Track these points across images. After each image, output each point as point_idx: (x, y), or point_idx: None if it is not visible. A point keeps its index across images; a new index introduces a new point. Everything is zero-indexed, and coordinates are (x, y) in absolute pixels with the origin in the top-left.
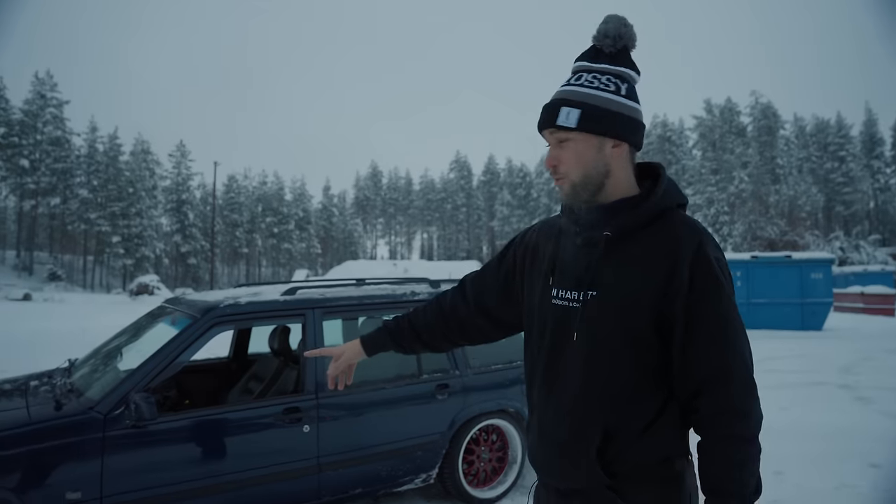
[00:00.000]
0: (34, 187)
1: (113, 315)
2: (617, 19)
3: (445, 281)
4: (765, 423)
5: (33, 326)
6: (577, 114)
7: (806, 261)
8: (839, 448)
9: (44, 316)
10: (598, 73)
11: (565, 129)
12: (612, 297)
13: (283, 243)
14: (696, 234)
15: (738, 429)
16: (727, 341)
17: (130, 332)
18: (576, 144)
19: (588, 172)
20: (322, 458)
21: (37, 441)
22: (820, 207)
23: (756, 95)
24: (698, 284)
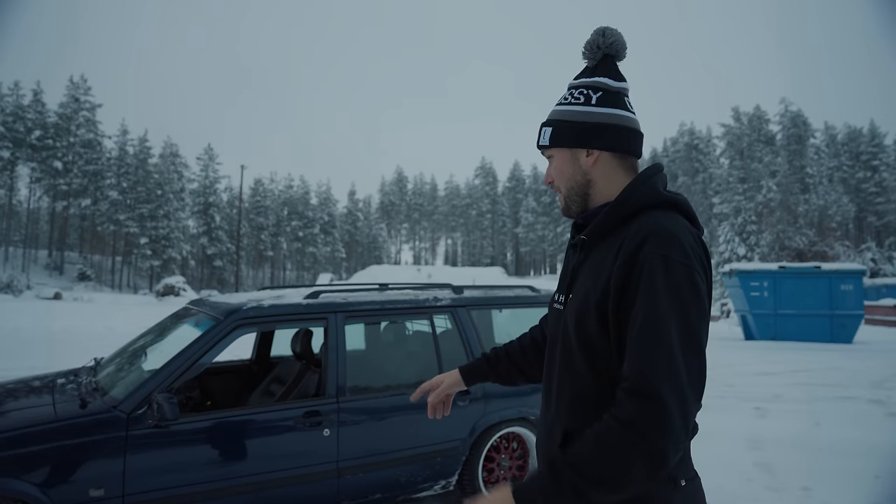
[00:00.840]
0: (66, 188)
1: (139, 315)
2: (595, 32)
3: (469, 287)
4: (797, 439)
5: (63, 325)
6: (549, 131)
7: (836, 272)
8: (870, 466)
9: (73, 315)
10: (574, 87)
11: (544, 147)
12: (575, 299)
13: (308, 247)
14: (644, 231)
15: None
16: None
17: (155, 333)
18: (556, 160)
19: (570, 184)
20: (342, 462)
21: (61, 438)
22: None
23: (785, 103)
24: (631, 282)
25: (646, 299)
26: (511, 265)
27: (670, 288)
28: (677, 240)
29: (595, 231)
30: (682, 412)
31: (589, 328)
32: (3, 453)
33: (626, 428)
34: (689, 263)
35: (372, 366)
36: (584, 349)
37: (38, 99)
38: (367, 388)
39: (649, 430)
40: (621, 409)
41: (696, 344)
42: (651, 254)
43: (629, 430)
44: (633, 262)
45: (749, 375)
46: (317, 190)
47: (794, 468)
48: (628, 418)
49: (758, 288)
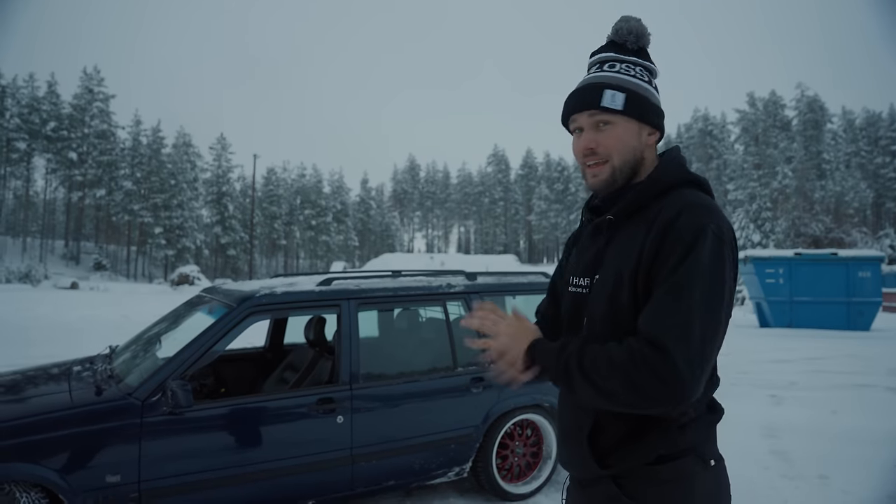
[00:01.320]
0: (81, 179)
1: (154, 304)
2: (636, 20)
3: (482, 273)
4: (814, 426)
5: (80, 314)
6: (623, 97)
7: (853, 258)
8: (889, 454)
9: (89, 304)
10: (631, 63)
11: (610, 111)
12: (606, 278)
13: (321, 235)
14: (680, 205)
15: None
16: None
17: (169, 321)
18: (618, 128)
19: (626, 158)
20: (355, 449)
21: (78, 425)
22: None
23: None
24: (664, 250)
25: (676, 263)
26: (524, 252)
27: (700, 255)
28: (712, 213)
29: (624, 209)
30: (689, 368)
31: (621, 301)
32: (23, 439)
33: (633, 361)
34: (721, 236)
35: (385, 353)
36: (614, 326)
37: (52, 91)
38: (380, 375)
39: (649, 373)
40: (633, 346)
41: (717, 310)
42: (687, 223)
43: (635, 364)
44: (668, 230)
45: (764, 363)
46: (329, 178)
47: (811, 456)
48: (639, 357)
49: (773, 275)
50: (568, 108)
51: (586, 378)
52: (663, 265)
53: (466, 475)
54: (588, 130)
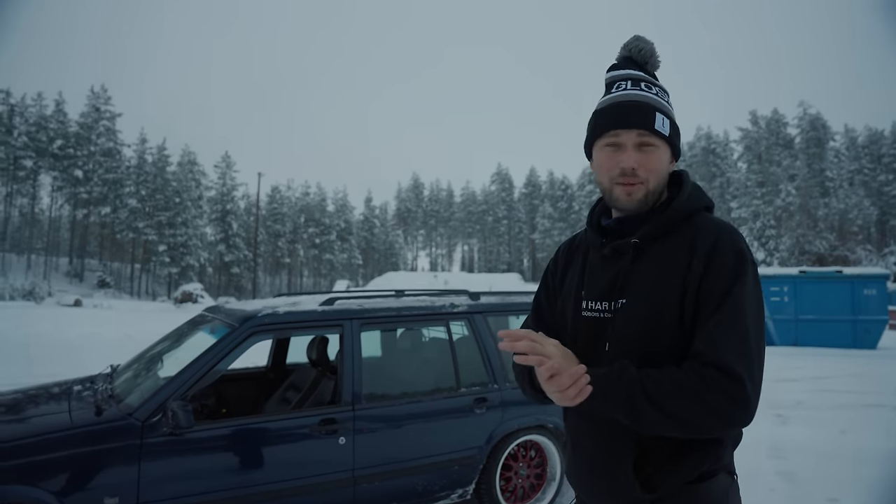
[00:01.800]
0: (87, 197)
1: (157, 322)
2: (650, 43)
3: (485, 293)
4: (821, 447)
5: (83, 331)
6: (669, 124)
7: (858, 276)
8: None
9: (92, 321)
10: (661, 88)
11: (659, 135)
12: (639, 303)
13: (325, 254)
14: (715, 230)
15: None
16: (733, 321)
17: (171, 340)
18: (660, 153)
19: (660, 182)
20: (357, 470)
21: (77, 445)
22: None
23: (804, 106)
24: (711, 275)
25: (727, 289)
26: (528, 271)
27: (746, 281)
28: (742, 237)
29: (651, 234)
30: (754, 390)
31: (664, 327)
32: (20, 460)
33: (705, 385)
34: (754, 259)
35: (388, 373)
36: (648, 351)
37: (60, 109)
38: (383, 395)
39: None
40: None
41: (763, 330)
42: (728, 248)
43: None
44: (713, 255)
45: (770, 381)
46: (333, 197)
47: (820, 478)
48: (710, 380)
49: (778, 293)
50: (613, 121)
51: (653, 404)
52: (713, 291)
53: (470, 497)
54: (631, 149)
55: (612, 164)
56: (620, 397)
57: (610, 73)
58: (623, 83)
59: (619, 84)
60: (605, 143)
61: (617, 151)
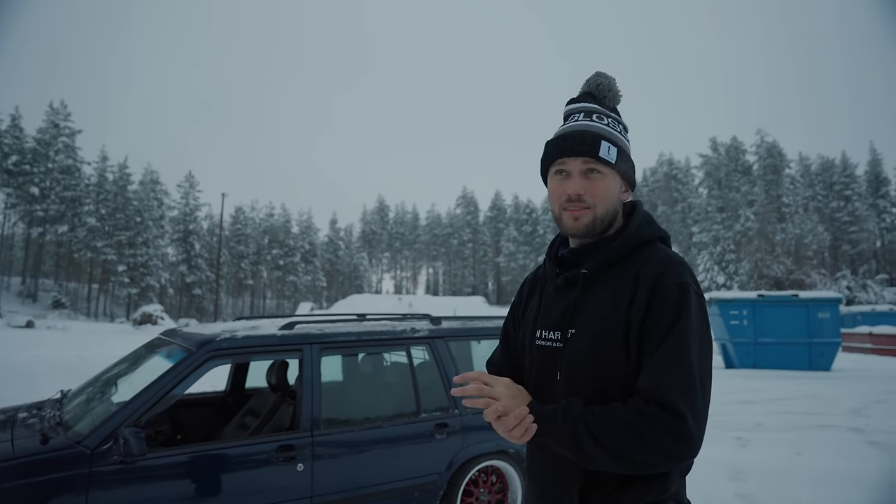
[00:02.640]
0: (42, 215)
1: (114, 344)
2: (611, 79)
3: (448, 318)
4: (779, 469)
5: (34, 354)
6: (616, 151)
7: (813, 300)
8: (851, 496)
9: (45, 344)
10: (615, 120)
11: (604, 162)
12: (587, 333)
13: (289, 276)
14: (661, 262)
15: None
16: (676, 356)
17: (126, 364)
18: (607, 180)
19: (609, 209)
20: (316, 497)
21: (20, 476)
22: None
23: (762, 134)
24: (654, 309)
25: (670, 324)
26: (492, 294)
27: (690, 314)
28: (688, 270)
29: (600, 265)
30: (697, 426)
31: (609, 357)
32: None
33: (646, 422)
34: (700, 291)
35: (348, 398)
36: (598, 380)
37: (15, 124)
38: (343, 421)
39: (669, 435)
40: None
41: (709, 364)
42: (672, 282)
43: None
44: (655, 289)
45: (730, 404)
46: (298, 218)
47: (776, 499)
48: (651, 418)
49: (737, 316)
50: (560, 150)
51: (597, 442)
52: (656, 325)
53: None
54: (577, 176)
55: (561, 191)
56: (565, 435)
57: (567, 107)
58: (577, 115)
59: (572, 116)
60: (554, 171)
61: (565, 179)
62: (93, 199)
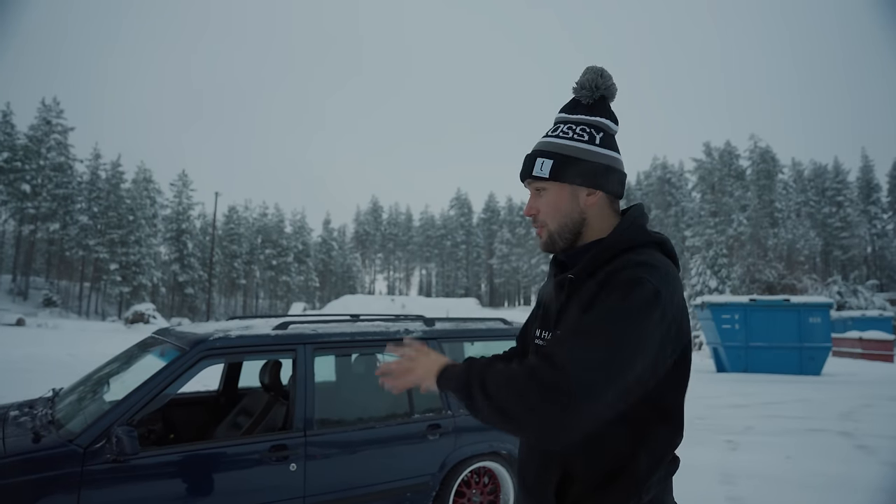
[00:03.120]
0: (34, 212)
1: (106, 343)
2: (593, 71)
3: (441, 319)
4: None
5: (25, 352)
6: (550, 164)
7: (804, 305)
8: (839, 499)
9: (35, 342)
10: (574, 123)
11: (541, 178)
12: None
13: (282, 276)
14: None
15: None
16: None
17: (119, 363)
18: (550, 194)
19: (563, 221)
20: (308, 498)
21: (11, 475)
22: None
23: (755, 139)
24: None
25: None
26: (485, 296)
27: (625, 300)
28: (655, 269)
29: (583, 271)
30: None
31: None
32: None
33: (529, 378)
34: (659, 288)
35: (341, 398)
36: None
37: (7, 121)
38: (336, 421)
39: (538, 383)
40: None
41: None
42: (625, 276)
43: (527, 375)
44: (606, 280)
45: (721, 408)
46: (291, 218)
47: (767, 503)
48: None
49: (729, 320)
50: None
51: (483, 391)
52: (590, 305)
53: None
54: (532, 196)
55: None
56: (461, 384)
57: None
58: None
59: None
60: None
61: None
62: (85, 196)
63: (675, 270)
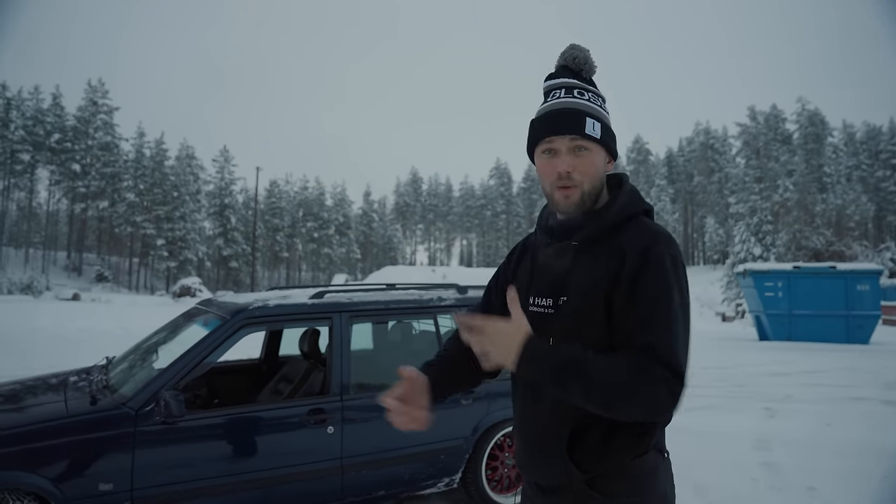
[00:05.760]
0: (84, 191)
1: (154, 316)
2: (586, 49)
3: (473, 287)
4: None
5: (80, 325)
6: (600, 127)
7: (851, 272)
8: (878, 467)
9: (90, 315)
10: (595, 94)
11: (591, 139)
12: (577, 300)
13: (324, 248)
14: (648, 234)
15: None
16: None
17: (165, 332)
18: (594, 155)
19: (595, 184)
20: (345, 459)
21: (72, 434)
22: (870, 217)
23: (803, 102)
24: (642, 275)
25: (658, 286)
26: None
27: (675, 279)
28: (675, 242)
29: (589, 237)
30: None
31: (595, 321)
32: (18, 447)
33: (638, 372)
34: (683, 262)
35: (376, 365)
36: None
37: (57, 103)
38: (371, 386)
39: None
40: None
41: (688, 319)
42: (662, 252)
43: (637, 371)
44: (646, 258)
45: (761, 376)
46: (332, 191)
47: (801, 468)
48: (644, 367)
49: (772, 288)
50: (547, 129)
51: (586, 380)
52: (643, 288)
53: (456, 486)
54: (565, 154)
55: (550, 169)
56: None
57: (546, 83)
58: (557, 91)
59: (553, 93)
60: (542, 150)
61: (553, 157)
62: (131, 174)
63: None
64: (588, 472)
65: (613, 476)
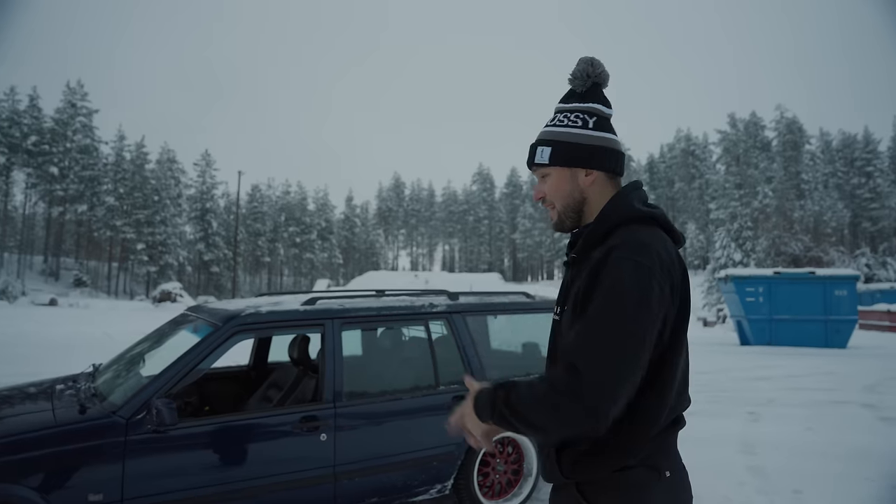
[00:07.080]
0: (62, 194)
1: (136, 321)
2: (585, 61)
3: (464, 293)
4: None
5: (61, 331)
6: (549, 151)
7: (830, 277)
8: (861, 469)
9: (70, 321)
10: (569, 111)
11: (542, 165)
12: (568, 310)
13: (305, 253)
14: (616, 240)
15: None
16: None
17: (153, 339)
18: (553, 178)
19: (566, 201)
20: (338, 466)
21: (61, 443)
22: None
23: (781, 110)
24: (590, 285)
25: (595, 296)
26: (508, 271)
27: (622, 286)
28: (645, 247)
29: (583, 248)
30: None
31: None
32: (3, 458)
33: (550, 388)
34: (651, 266)
35: (368, 371)
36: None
37: (34, 104)
38: (363, 393)
39: (566, 394)
40: (553, 373)
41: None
42: (615, 258)
43: (551, 391)
44: (600, 266)
45: (744, 380)
46: (314, 196)
47: (787, 472)
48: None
49: (753, 293)
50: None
51: (516, 415)
52: (587, 299)
53: (448, 492)
54: (539, 182)
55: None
56: (496, 416)
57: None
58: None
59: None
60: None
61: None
62: (111, 178)
63: (660, 241)
64: (570, 478)
65: (601, 486)
